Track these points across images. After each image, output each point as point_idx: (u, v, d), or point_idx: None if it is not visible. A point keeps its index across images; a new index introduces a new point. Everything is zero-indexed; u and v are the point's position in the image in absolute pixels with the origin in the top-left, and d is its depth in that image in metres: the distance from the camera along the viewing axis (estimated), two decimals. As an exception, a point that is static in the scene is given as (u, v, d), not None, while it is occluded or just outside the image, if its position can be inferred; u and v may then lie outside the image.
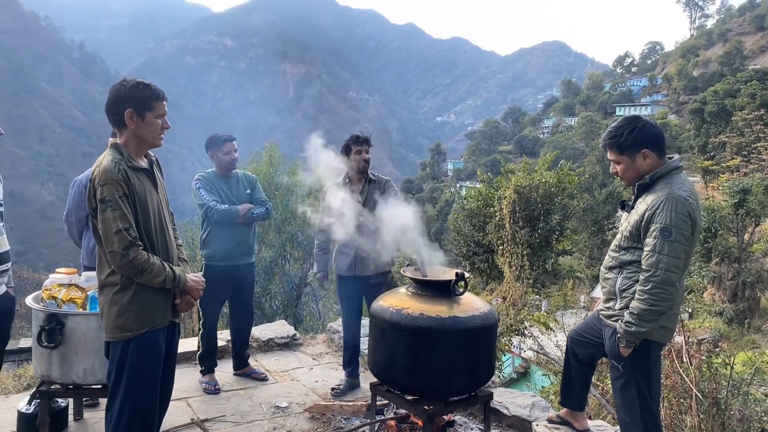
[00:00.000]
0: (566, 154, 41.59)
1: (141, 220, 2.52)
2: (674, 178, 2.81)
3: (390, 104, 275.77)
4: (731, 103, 39.53)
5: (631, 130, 2.86)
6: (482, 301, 3.25)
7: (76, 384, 3.27)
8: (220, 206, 4.29)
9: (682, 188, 2.76)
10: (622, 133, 2.88)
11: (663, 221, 2.70)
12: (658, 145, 2.86)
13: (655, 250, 2.70)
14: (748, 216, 18.66)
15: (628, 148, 2.87)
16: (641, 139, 2.84)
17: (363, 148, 4.20)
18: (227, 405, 4.10)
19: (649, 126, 2.87)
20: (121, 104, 2.51)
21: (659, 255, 2.69)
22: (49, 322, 3.14)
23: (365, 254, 3.98)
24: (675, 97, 72.73)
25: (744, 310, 18.40)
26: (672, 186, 2.76)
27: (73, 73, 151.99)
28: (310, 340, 5.89)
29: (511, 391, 4.07)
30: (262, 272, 10.27)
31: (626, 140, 2.87)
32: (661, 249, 2.69)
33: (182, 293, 2.69)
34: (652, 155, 2.84)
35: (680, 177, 2.83)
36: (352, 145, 4.20)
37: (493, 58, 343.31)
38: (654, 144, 2.85)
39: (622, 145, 2.88)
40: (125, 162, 2.51)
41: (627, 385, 2.90)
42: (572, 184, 13.08)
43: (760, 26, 76.38)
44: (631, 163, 2.89)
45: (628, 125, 2.89)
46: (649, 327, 2.74)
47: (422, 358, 2.98)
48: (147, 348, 2.55)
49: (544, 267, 13.35)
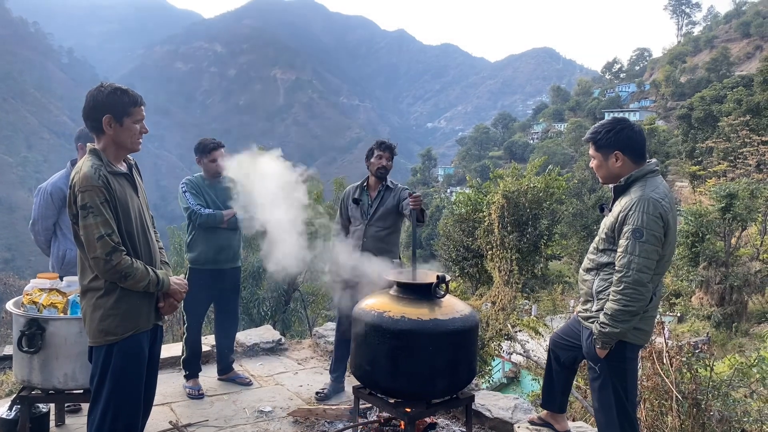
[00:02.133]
0: (556, 160, 41.91)
1: (123, 224, 2.53)
2: (649, 181, 2.85)
3: (381, 110, 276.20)
4: (718, 109, 39.92)
5: (609, 131, 2.93)
6: (463, 303, 3.27)
7: (57, 389, 3.26)
8: (204, 210, 4.30)
9: (655, 190, 2.80)
10: (602, 131, 2.96)
11: (635, 222, 2.74)
12: (632, 150, 2.91)
13: (627, 251, 2.75)
14: (734, 220, 18.83)
15: (602, 147, 2.95)
16: (615, 140, 2.90)
17: (384, 154, 4.23)
18: (211, 410, 4.10)
19: (628, 130, 2.92)
20: (99, 110, 2.52)
21: (631, 256, 2.73)
22: (29, 327, 3.13)
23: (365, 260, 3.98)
24: (663, 102, 73.42)
25: (731, 314, 18.54)
26: (645, 188, 2.81)
27: (61, 79, 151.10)
28: (295, 345, 5.89)
29: (494, 394, 4.10)
30: (250, 278, 10.25)
31: (602, 139, 2.94)
32: (633, 250, 2.73)
33: (165, 296, 2.70)
34: (624, 159, 2.90)
35: (655, 180, 2.87)
36: (375, 149, 4.26)
37: (483, 64, 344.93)
38: (628, 148, 2.90)
39: (597, 142, 2.97)
40: (105, 167, 2.51)
41: (604, 386, 2.93)
42: (560, 189, 13.15)
43: (745, 33, 77.34)
44: (603, 161, 2.97)
45: (609, 125, 2.97)
46: (623, 327, 2.78)
47: (403, 361, 3.00)
48: (131, 352, 2.55)
49: (533, 272, 13.38)
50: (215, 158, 4.38)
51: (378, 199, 4.23)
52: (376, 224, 4.19)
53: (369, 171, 4.31)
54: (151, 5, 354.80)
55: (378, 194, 4.25)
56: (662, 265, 2.84)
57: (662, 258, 2.81)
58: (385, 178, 4.28)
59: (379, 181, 4.28)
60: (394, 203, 4.19)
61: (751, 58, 69.92)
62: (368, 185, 4.33)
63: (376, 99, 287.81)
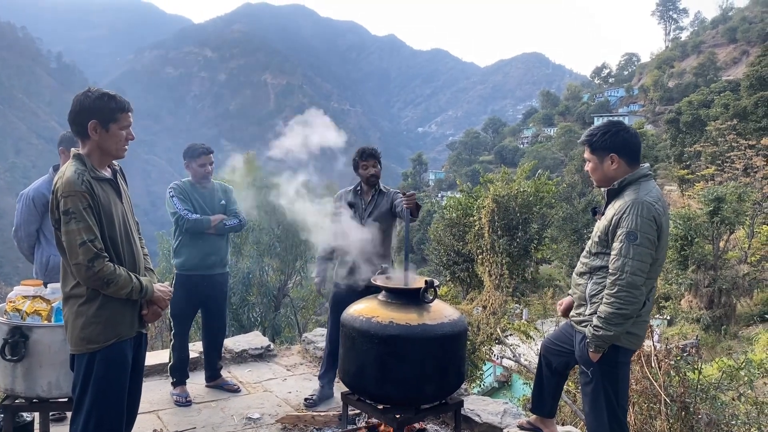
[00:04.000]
0: (546, 164, 42.08)
1: (106, 230, 2.49)
2: (642, 185, 2.86)
3: (371, 115, 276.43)
4: (705, 114, 40.28)
5: (605, 133, 2.93)
6: (452, 308, 3.26)
7: (41, 398, 3.20)
8: (192, 216, 4.27)
9: (649, 194, 2.80)
10: (597, 133, 2.96)
11: (629, 225, 2.74)
12: (628, 153, 2.91)
13: (621, 254, 2.74)
14: (722, 224, 18.98)
15: (598, 149, 2.95)
16: (611, 143, 2.91)
17: (369, 162, 4.23)
18: (198, 417, 4.06)
19: (624, 133, 2.92)
20: (85, 115, 2.48)
21: (625, 258, 2.73)
22: (12, 334, 3.07)
23: (362, 264, 3.97)
24: (651, 107, 73.95)
25: (720, 317, 18.67)
26: (639, 192, 2.81)
27: (50, 85, 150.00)
28: (284, 351, 5.85)
29: (483, 399, 4.08)
30: (240, 283, 10.19)
31: (598, 141, 2.94)
32: (627, 252, 2.73)
33: (149, 303, 2.66)
34: (620, 161, 2.90)
35: (649, 184, 2.88)
36: (359, 160, 4.25)
37: (473, 69, 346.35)
38: (623, 151, 2.91)
39: (593, 144, 2.97)
40: (89, 173, 2.48)
41: (595, 390, 2.92)
42: (550, 193, 13.19)
43: (732, 38, 78.03)
44: (598, 164, 2.96)
45: (605, 128, 2.97)
46: (617, 331, 2.77)
47: (392, 366, 2.98)
48: (113, 360, 2.51)
49: (524, 276, 13.41)
50: (204, 162, 4.36)
51: (372, 203, 4.24)
52: (370, 227, 4.18)
53: (360, 179, 4.31)
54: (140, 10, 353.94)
55: (372, 198, 4.26)
56: (655, 269, 2.84)
57: (655, 261, 2.80)
58: (377, 184, 4.28)
59: (371, 187, 4.29)
60: (387, 206, 4.20)
61: (738, 63, 70.60)
62: (362, 190, 4.33)
63: (366, 104, 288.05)
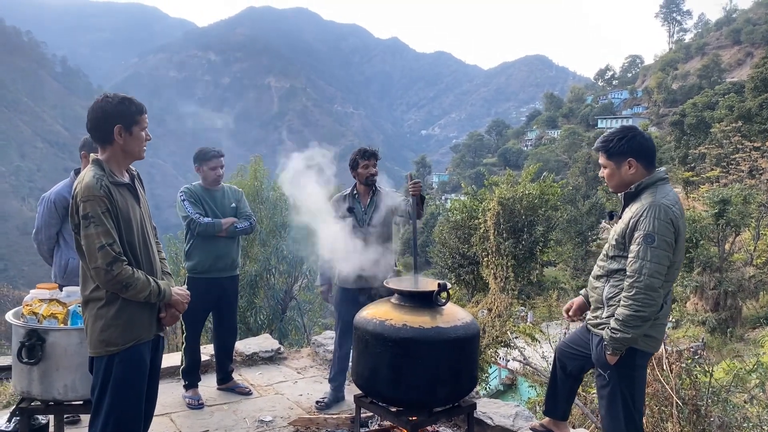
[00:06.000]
0: (549, 167, 42.02)
1: (124, 235, 2.53)
2: (659, 188, 2.87)
3: (375, 118, 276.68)
4: (710, 115, 40.21)
5: (620, 138, 2.95)
6: (464, 311, 3.27)
7: (57, 400, 3.22)
8: (203, 219, 4.30)
9: (666, 197, 2.82)
10: (613, 139, 2.97)
11: (646, 228, 2.75)
12: (645, 157, 2.93)
13: (639, 256, 2.75)
14: (728, 226, 18.92)
15: (615, 155, 2.96)
16: (628, 148, 2.92)
17: (370, 162, 4.24)
18: (211, 420, 4.08)
19: (640, 137, 2.94)
20: (110, 121, 2.54)
21: (642, 261, 2.74)
22: (29, 337, 3.10)
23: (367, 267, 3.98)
24: (655, 109, 73.84)
25: (726, 319, 18.59)
26: (656, 195, 2.83)
27: (55, 88, 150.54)
28: (294, 354, 5.87)
29: (495, 402, 4.09)
30: (247, 286, 10.21)
31: (614, 147, 2.95)
32: (645, 255, 2.74)
33: (167, 307, 2.70)
34: (638, 165, 2.91)
35: (665, 187, 2.90)
36: (359, 159, 4.24)
37: (476, 71, 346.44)
38: (641, 155, 2.92)
39: (609, 150, 2.97)
40: (107, 177, 2.52)
41: (612, 393, 2.92)
42: (554, 195, 13.20)
43: (736, 40, 77.88)
44: (616, 169, 2.97)
45: (620, 133, 2.98)
46: (634, 333, 2.77)
47: (405, 369, 2.99)
48: (132, 362, 2.54)
49: (529, 278, 13.41)
50: (215, 166, 4.39)
51: (372, 206, 4.24)
52: (372, 230, 4.19)
53: (357, 180, 4.30)
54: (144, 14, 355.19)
55: (371, 201, 4.26)
56: (672, 272, 2.84)
57: (672, 264, 2.81)
58: (374, 184, 4.29)
59: (369, 188, 4.30)
60: (387, 206, 4.18)
61: (742, 65, 70.46)
62: (358, 193, 4.32)
63: (370, 106, 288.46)
